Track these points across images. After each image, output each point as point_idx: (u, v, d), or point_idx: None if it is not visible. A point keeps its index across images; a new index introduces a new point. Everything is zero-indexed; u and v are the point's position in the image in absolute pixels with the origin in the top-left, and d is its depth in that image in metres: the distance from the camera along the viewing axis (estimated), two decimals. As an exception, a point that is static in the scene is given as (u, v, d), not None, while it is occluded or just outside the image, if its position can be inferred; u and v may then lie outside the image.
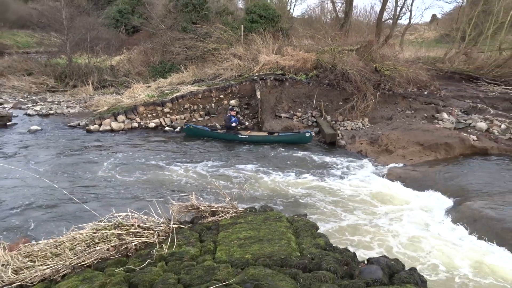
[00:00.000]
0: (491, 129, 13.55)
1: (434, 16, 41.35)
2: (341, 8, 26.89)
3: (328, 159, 11.63)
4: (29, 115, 16.03)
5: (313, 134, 13.21)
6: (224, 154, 11.95)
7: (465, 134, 12.82)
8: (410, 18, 27.04)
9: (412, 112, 15.76)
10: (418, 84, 17.34)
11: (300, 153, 12.10)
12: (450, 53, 23.55)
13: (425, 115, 15.50)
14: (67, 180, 9.48)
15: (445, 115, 14.95)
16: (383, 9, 23.94)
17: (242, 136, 13.37)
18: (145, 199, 8.35)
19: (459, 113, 15.36)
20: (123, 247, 3.85)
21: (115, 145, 12.41)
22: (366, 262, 3.60)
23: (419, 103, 16.25)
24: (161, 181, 9.58)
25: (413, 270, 3.40)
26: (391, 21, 25.36)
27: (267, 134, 13.67)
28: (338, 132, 13.62)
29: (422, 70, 17.35)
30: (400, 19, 26.51)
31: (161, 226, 4.15)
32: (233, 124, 13.57)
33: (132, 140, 13.11)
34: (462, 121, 14.35)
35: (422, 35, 38.49)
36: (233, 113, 13.83)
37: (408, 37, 34.28)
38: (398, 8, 24.68)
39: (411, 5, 64.50)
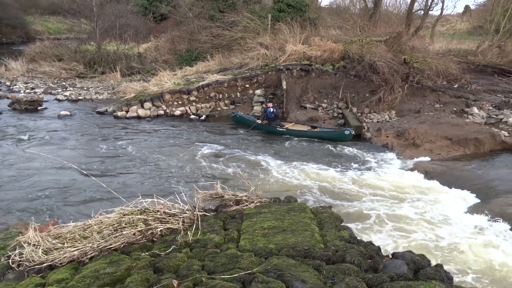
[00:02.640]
0: (523, 125, 13.13)
1: (467, 7, 40.01)
2: (371, -2, 26.33)
3: (353, 151, 11.51)
4: (59, 100, 16.43)
5: (353, 132, 12.28)
6: (251, 144, 11.96)
7: (496, 130, 12.46)
8: (442, 9, 26.31)
9: (441, 105, 15.39)
10: (448, 77, 16.87)
11: (325, 145, 12.00)
12: (482, 45, 22.79)
13: (455, 109, 15.11)
14: (95, 165, 9.70)
15: (475, 110, 14.55)
16: (414, -1, 23.32)
17: (281, 129, 13.11)
18: (170, 186, 8.47)
19: (490, 107, 14.92)
20: (148, 232, 3.92)
21: (142, 132, 12.61)
22: (390, 256, 3.56)
23: (449, 96, 15.84)
24: (187, 169, 9.68)
25: (439, 266, 3.34)
26: (422, 12, 24.64)
27: (308, 128, 13.23)
28: (364, 124, 13.43)
29: (452, 63, 16.87)
30: (432, 10, 25.76)
31: (186, 213, 4.21)
32: (272, 117, 13.36)
33: (158, 127, 13.28)
34: (493, 116, 13.94)
35: (454, 26, 37.36)
36: (269, 105, 13.63)
37: (439, 28, 33.31)
38: (430, -1, 23.94)
39: (444, -5, 62.38)
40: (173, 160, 10.21)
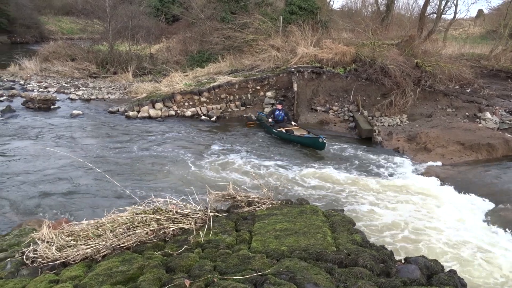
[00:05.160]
0: (537, 131, 12.96)
1: (480, 11, 39.63)
2: (383, 1, 26.25)
3: (363, 155, 11.45)
4: (71, 99, 16.59)
5: (325, 141, 11.33)
6: (262, 146, 11.95)
7: (509, 135, 12.32)
8: (455, 13, 25.91)
9: (453, 110, 15.27)
10: (461, 81, 16.73)
11: (335, 148, 11.97)
12: (496, 50, 22.59)
13: (467, 113, 14.98)
14: (107, 164, 9.77)
15: (488, 115, 14.40)
16: (427, 2, 23.11)
17: (274, 130, 12.95)
18: (182, 186, 8.50)
19: (504, 113, 14.75)
20: (161, 232, 3.94)
21: (153, 132, 12.67)
22: (403, 261, 3.54)
23: (461, 101, 15.71)
24: (198, 169, 9.71)
25: (452, 272, 3.31)
26: (435, 15, 24.48)
27: (301, 133, 12.77)
28: (375, 128, 13.36)
29: (465, 67, 16.71)
30: (445, 14, 25.59)
31: (198, 214, 4.22)
32: (279, 119, 13.22)
33: (169, 128, 13.34)
34: (507, 121, 13.78)
35: (466, 30, 37.08)
36: (279, 106, 13.52)
37: (452, 32, 33.09)
38: (443, 2, 23.78)
39: (457, -1, 61.76)
40: (184, 160, 10.24)
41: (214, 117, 14.82)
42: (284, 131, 12.72)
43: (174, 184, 8.76)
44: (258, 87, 15.89)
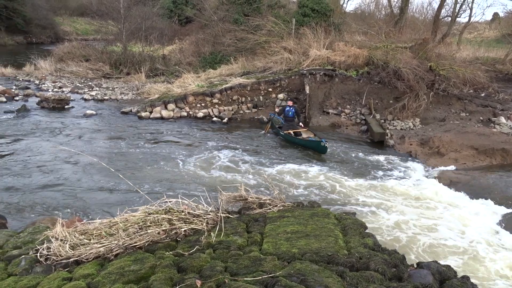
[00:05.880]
0: (553, 136, 12.75)
1: (496, 14, 39.07)
2: (397, 4, 26.09)
3: (375, 158, 11.37)
4: (85, 99, 16.77)
5: (327, 144, 11.29)
6: (272, 148, 11.95)
7: (524, 140, 12.15)
8: (470, 16, 25.61)
9: (467, 114, 15.11)
10: (475, 85, 16.54)
11: (347, 151, 11.91)
12: (511, 54, 22.31)
13: (481, 118, 14.81)
14: (119, 163, 9.85)
15: (502, 119, 14.22)
16: (441, 5, 22.93)
17: (281, 132, 12.82)
18: (194, 187, 8.53)
19: (519, 117, 14.57)
20: (173, 232, 3.97)
21: (165, 133, 12.75)
22: (415, 265, 3.51)
23: (475, 105, 15.54)
24: (209, 170, 9.73)
25: (465, 278, 3.28)
26: (449, 19, 24.26)
27: (308, 136, 12.68)
28: (387, 131, 13.27)
29: (480, 71, 16.51)
30: (459, 17, 25.33)
31: (209, 214, 4.24)
32: (290, 115, 13.01)
33: (181, 128, 13.40)
34: (522, 126, 13.62)
35: (481, 34, 36.65)
36: (290, 103, 13.34)
37: (467, 35, 32.74)
38: (458, 5, 23.57)
39: (472, 2, 60.83)
40: (196, 161, 10.28)
41: (226, 118, 14.85)
42: (292, 133, 12.67)
43: (186, 184, 8.79)
44: (270, 89, 15.89)
